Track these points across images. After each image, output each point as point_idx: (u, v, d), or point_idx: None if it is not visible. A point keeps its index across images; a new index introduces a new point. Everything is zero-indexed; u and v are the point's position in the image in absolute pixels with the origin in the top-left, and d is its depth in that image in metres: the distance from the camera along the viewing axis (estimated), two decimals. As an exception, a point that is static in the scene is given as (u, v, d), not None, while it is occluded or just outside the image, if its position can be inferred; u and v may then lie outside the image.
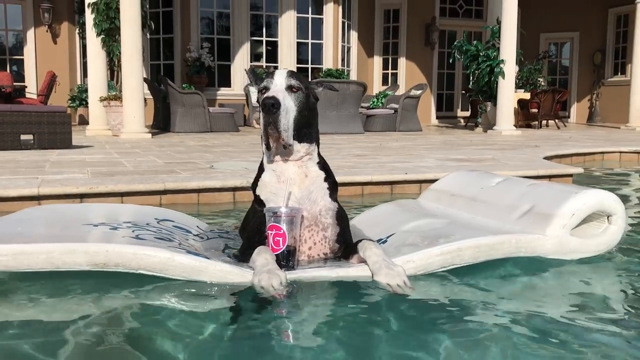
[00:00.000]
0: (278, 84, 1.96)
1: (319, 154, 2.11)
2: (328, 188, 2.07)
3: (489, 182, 2.70)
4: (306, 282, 1.83)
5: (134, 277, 1.80)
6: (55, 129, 6.40)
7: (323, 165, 2.11)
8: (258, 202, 2.08)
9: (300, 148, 2.02)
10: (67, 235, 1.97)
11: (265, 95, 1.91)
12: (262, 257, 1.82)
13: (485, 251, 2.03)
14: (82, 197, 3.55)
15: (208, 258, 1.83)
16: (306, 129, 2.01)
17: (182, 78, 12.91)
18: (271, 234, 1.89)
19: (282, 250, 1.88)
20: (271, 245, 1.89)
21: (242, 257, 1.97)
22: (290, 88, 1.96)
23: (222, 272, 1.78)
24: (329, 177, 2.10)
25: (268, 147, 2.00)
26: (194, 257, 1.78)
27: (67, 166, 4.70)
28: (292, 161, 2.03)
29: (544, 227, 2.14)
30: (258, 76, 2.18)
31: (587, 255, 2.21)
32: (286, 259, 1.89)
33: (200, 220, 2.70)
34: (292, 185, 2.01)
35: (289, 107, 1.94)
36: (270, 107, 1.87)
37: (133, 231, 2.03)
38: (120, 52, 8.67)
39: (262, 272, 1.73)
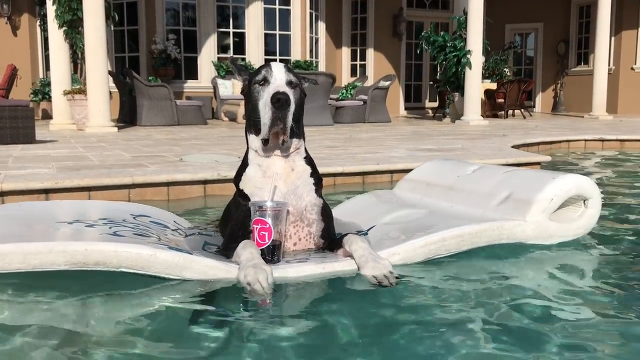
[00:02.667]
0: (278, 79, 1.92)
1: (305, 148, 2.09)
2: (314, 184, 2.05)
3: (465, 171, 2.70)
4: (291, 278, 1.80)
5: (113, 275, 1.73)
6: (17, 124, 6.19)
7: (309, 160, 2.08)
8: (242, 196, 2.03)
9: (290, 144, 1.99)
10: (41, 234, 1.90)
11: (276, 90, 1.85)
12: (248, 251, 1.78)
13: (469, 240, 2.03)
14: (47, 192, 3.43)
15: (191, 253, 1.77)
16: (296, 124, 1.98)
17: (148, 70, 12.63)
18: (256, 228, 1.85)
19: (267, 244, 1.85)
20: (256, 240, 1.85)
21: (225, 252, 1.93)
22: (290, 83, 1.94)
23: (207, 267, 1.73)
24: (315, 173, 2.08)
25: (265, 143, 1.96)
26: (177, 253, 1.73)
27: (31, 161, 4.56)
28: (280, 156, 2.00)
29: (523, 213, 2.16)
30: (242, 67, 2.12)
31: (567, 239, 2.24)
32: (271, 254, 1.85)
33: (174, 215, 2.63)
34: (278, 179, 1.97)
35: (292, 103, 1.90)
36: (284, 102, 1.83)
37: (110, 227, 1.96)
38: (83, 45, 8.44)
39: (248, 266, 1.69)
